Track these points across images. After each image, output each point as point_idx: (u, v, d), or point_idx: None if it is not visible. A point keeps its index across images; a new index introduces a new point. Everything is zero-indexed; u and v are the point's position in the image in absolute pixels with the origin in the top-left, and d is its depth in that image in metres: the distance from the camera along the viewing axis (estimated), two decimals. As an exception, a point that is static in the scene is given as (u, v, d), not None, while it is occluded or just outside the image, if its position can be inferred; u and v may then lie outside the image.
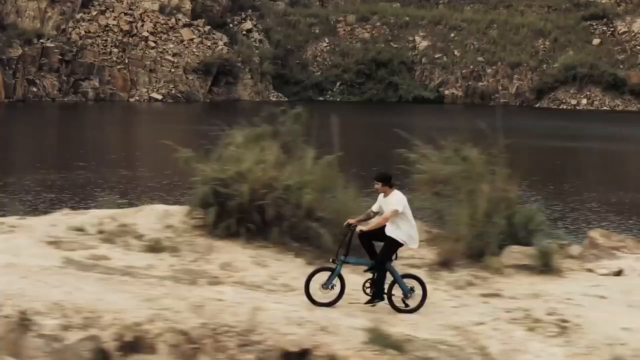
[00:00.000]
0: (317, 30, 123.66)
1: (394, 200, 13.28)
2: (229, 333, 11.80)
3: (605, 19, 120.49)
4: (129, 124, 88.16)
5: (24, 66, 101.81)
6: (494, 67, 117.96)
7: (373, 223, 13.36)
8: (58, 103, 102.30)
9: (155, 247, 15.03)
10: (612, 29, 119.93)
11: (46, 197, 37.68)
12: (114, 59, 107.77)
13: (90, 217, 16.49)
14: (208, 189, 15.53)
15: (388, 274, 13.47)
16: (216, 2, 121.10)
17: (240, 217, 15.59)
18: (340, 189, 16.30)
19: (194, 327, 11.67)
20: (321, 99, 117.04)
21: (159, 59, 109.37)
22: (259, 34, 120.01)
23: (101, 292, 12.48)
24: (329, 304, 13.22)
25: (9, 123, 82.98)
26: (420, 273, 15.82)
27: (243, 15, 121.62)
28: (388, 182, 13.40)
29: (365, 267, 13.65)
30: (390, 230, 13.31)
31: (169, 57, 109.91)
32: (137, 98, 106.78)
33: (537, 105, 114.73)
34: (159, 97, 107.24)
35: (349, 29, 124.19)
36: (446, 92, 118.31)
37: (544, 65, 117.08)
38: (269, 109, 17.05)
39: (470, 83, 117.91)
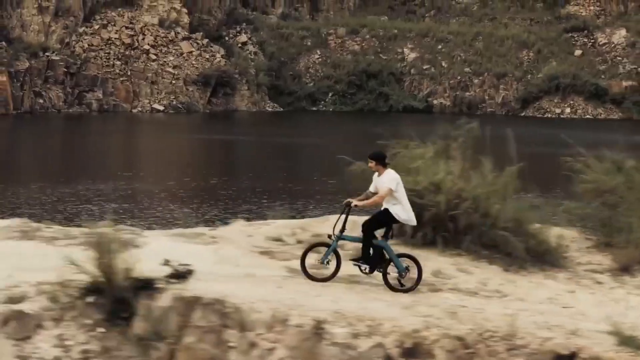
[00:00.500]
0: (309, 43, 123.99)
1: (386, 179, 13.29)
2: (494, 338, 11.92)
3: (585, 31, 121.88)
4: (163, 134, 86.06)
5: (31, 79, 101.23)
6: (480, 78, 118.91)
7: (369, 201, 13.38)
8: (64, 114, 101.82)
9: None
10: (592, 41, 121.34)
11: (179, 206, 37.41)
12: (117, 71, 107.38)
13: (277, 227, 16.51)
14: (404, 200, 15.63)
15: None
16: (212, 15, 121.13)
17: (434, 226, 15.73)
18: (518, 198, 16.51)
19: (467, 332, 11.80)
20: (314, 109, 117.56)
21: (160, 71, 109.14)
22: (253, 47, 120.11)
23: (358, 300, 12.54)
24: (325, 280, 13.05)
25: (46, 134, 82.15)
26: (602, 278, 16.10)
27: (238, 29, 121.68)
28: (382, 161, 13.37)
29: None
30: (392, 208, 13.32)
31: (170, 69, 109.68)
32: (140, 109, 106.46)
33: (522, 114, 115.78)
34: (161, 107, 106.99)
35: (340, 41, 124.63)
36: (435, 101, 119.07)
37: (529, 76, 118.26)
38: (445, 125, 17.19)
39: (457, 93, 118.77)
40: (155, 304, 11.47)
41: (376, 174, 13.57)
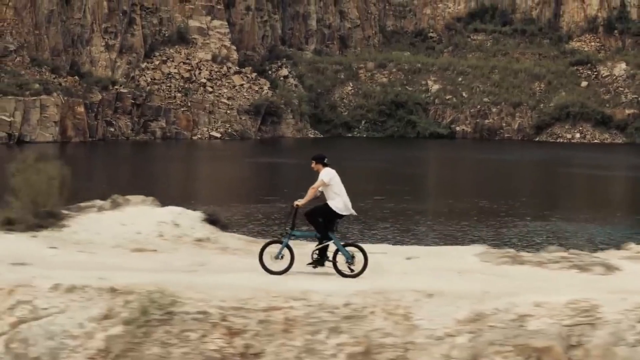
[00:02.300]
0: (342, 76, 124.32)
1: (321, 174, 13.45)
2: None
3: (589, 65, 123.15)
4: (272, 157, 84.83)
5: (103, 109, 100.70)
6: (498, 107, 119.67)
7: (306, 196, 13.36)
8: (131, 141, 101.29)
9: None
10: (595, 73, 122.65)
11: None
12: (178, 102, 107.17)
13: None
14: None
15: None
16: (256, 52, 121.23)
17: None
18: None
19: None
20: (349, 135, 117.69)
21: (216, 102, 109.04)
22: (293, 80, 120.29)
23: None
24: (281, 273, 13.03)
25: (166, 158, 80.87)
26: None
27: (279, 63, 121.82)
28: (321, 161, 13.55)
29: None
30: (330, 203, 13.37)
31: (225, 100, 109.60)
32: (199, 136, 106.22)
33: (536, 139, 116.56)
34: (218, 135, 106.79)
35: (369, 74, 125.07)
36: (457, 128, 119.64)
37: (541, 105, 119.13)
38: None
39: (478, 120, 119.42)
40: None
41: None
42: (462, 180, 67.53)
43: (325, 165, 13.53)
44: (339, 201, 13.36)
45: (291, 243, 13.30)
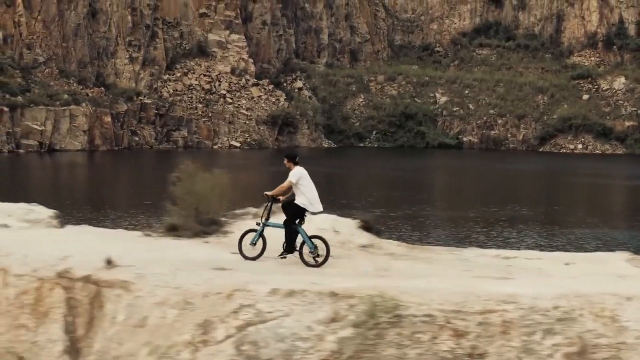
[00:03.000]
0: (353, 88, 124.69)
1: (290, 173, 13.67)
2: None
3: (590, 78, 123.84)
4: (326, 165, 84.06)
5: (128, 119, 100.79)
6: (503, 118, 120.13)
7: (276, 190, 13.82)
8: (155, 150, 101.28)
9: None
10: (596, 87, 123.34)
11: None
12: (199, 112, 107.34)
13: None
14: None
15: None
16: (271, 65, 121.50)
17: None
18: None
19: None
20: (361, 145, 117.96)
21: (235, 112, 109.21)
22: (308, 91, 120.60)
23: None
24: (254, 258, 13.56)
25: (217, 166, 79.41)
26: None
27: (294, 76, 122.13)
28: (292, 160, 13.79)
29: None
30: (297, 199, 13.71)
31: (244, 111, 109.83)
32: (220, 145, 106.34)
33: (540, 150, 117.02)
34: (237, 144, 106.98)
35: (380, 87, 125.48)
36: (464, 139, 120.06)
37: (545, 117, 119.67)
38: None
39: (484, 131, 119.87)
40: None
41: None
42: (485, 188, 67.78)
43: (296, 164, 13.73)
44: (305, 198, 13.61)
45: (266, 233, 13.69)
